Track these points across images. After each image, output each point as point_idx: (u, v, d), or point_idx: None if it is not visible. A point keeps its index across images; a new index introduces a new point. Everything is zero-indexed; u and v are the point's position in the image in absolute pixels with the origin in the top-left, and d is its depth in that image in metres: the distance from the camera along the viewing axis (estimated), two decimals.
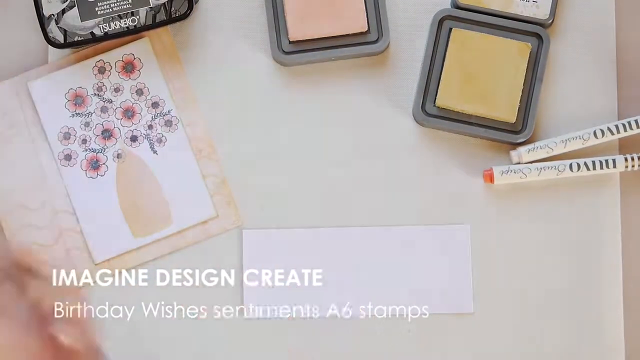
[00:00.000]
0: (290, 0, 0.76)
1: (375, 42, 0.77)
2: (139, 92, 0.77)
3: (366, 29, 0.76)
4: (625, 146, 0.77)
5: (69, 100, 0.77)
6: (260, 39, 0.78)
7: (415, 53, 0.78)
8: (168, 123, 0.77)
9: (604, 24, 0.78)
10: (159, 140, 0.77)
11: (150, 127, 0.77)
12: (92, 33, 0.74)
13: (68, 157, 0.77)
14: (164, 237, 0.76)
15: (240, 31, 0.78)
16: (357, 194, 0.77)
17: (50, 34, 0.74)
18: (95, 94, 0.78)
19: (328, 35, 0.76)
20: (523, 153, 0.76)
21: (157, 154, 0.77)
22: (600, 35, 0.78)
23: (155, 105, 0.77)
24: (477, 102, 0.75)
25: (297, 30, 0.76)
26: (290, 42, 0.77)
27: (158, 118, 0.77)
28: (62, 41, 0.74)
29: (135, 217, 0.76)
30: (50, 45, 0.75)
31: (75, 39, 0.74)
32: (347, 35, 0.76)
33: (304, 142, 0.77)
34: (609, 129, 0.76)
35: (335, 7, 0.76)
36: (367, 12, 0.77)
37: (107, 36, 0.75)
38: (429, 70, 0.76)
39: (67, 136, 0.77)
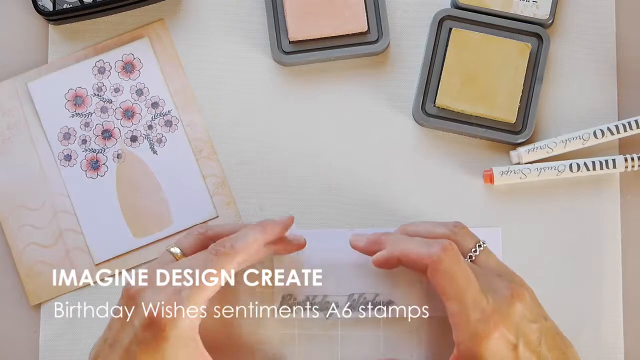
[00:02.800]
0: (290, 0, 0.76)
1: (375, 42, 0.77)
2: (139, 92, 0.77)
3: (366, 29, 0.76)
4: (625, 146, 0.77)
5: (68, 101, 0.77)
6: (260, 39, 0.78)
7: (415, 53, 0.78)
8: (168, 123, 0.77)
9: (604, 24, 0.78)
10: (159, 141, 0.77)
11: (150, 127, 0.77)
12: (80, 0, 0.75)
13: (68, 157, 0.77)
14: (164, 238, 0.76)
15: (240, 31, 0.78)
16: (357, 194, 0.77)
17: (39, 2, 0.75)
18: (95, 94, 0.78)
19: (328, 36, 0.76)
20: (523, 153, 0.76)
21: (157, 154, 0.77)
22: (600, 35, 0.78)
23: (155, 105, 0.77)
24: (477, 102, 0.75)
25: (297, 30, 0.76)
26: (290, 42, 0.77)
27: (158, 118, 0.77)
28: (51, 9, 0.75)
29: (135, 217, 0.77)
30: (40, 14, 0.76)
31: (64, 7, 0.75)
32: (347, 35, 0.76)
33: (304, 142, 0.77)
34: (609, 129, 0.76)
35: (335, 7, 0.76)
36: (367, 12, 0.77)
37: (95, 4, 0.75)
38: (429, 70, 0.76)
39: (67, 136, 0.77)
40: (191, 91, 0.78)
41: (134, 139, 0.77)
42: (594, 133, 0.76)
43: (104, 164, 0.77)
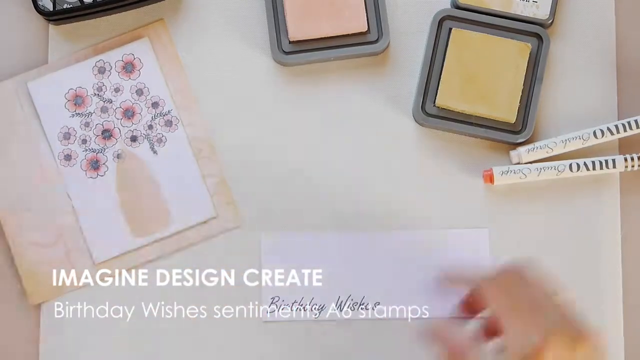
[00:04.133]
0: (290, 0, 0.76)
1: (375, 42, 0.77)
2: (139, 92, 0.77)
3: (366, 29, 0.76)
4: (625, 146, 0.77)
5: (68, 100, 0.77)
6: (260, 39, 0.78)
7: (415, 53, 0.78)
8: (168, 123, 0.77)
9: (604, 24, 0.78)
10: (159, 141, 0.77)
11: (150, 127, 0.77)
12: (81, 0, 0.75)
13: (68, 157, 0.77)
14: (164, 237, 0.76)
15: (240, 31, 0.78)
16: (357, 194, 0.77)
17: (39, 2, 0.75)
18: (95, 94, 0.78)
19: (328, 36, 0.76)
20: (523, 153, 0.76)
21: (157, 154, 0.77)
22: (600, 35, 0.78)
23: (155, 105, 0.77)
24: (477, 102, 0.75)
25: (297, 30, 0.76)
26: (290, 42, 0.77)
27: (158, 118, 0.77)
28: (51, 9, 0.75)
29: (136, 217, 0.77)
30: (40, 14, 0.75)
31: (64, 7, 0.75)
32: (347, 35, 0.76)
33: (304, 143, 0.77)
34: (609, 129, 0.76)
35: (335, 7, 0.76)
36: (367, 12, 0.77)
37: (95, 3, 0.75)
38: (429, 70, 0.76)
39: (67, 136, 0.77)
40: (191, 91, 0.78)
41: (134, 138, 0.77)
42: (594, 133, 0.76)
43: (104, 163, 0.77)
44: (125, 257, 0.76)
